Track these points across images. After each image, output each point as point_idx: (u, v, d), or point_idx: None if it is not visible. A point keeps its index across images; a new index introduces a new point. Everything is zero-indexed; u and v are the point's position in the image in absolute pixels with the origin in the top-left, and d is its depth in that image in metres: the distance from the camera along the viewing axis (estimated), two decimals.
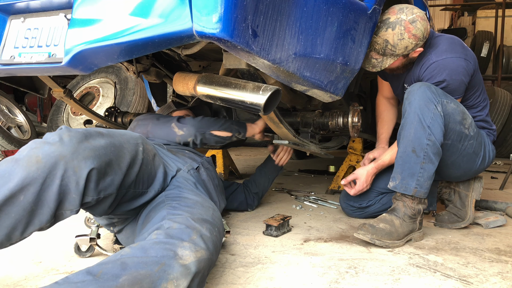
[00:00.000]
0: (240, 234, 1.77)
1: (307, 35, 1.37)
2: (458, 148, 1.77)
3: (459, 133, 1.74)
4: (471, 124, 1.78)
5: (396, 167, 1.74)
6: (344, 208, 2.12)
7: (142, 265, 0.96)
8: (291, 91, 1.91)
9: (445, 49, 1.80)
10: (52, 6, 1.46)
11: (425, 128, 1.66)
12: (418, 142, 1.67)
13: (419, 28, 1.73)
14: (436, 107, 1.66)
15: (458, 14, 8.41)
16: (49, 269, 1.37)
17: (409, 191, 1.70)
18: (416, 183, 1.69)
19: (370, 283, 1.30)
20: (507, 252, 1.60)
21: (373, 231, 1.63)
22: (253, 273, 1.36)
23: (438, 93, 1.69)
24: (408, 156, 1.69)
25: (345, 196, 2.10)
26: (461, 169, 1.86)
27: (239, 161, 4.27)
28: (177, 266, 0.99)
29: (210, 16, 1.10)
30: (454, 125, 1.71)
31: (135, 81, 4.37)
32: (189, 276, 0.99)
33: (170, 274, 0.97)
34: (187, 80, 1.62)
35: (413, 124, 1.68)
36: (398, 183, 1.72)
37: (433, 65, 1.79)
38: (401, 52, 1.77)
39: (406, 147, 1.70)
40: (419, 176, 1.68)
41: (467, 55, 1.80)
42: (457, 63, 1.77)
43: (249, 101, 1.41)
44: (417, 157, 1.67)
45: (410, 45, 1.76)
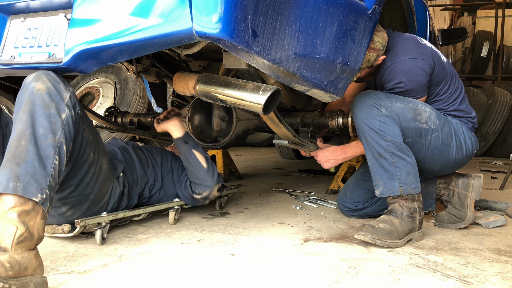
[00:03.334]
0: (240, 234, 1.77)
1: (307, 35, 1.37)
2: (422, 144, 1.80)
3: (417, 130, 1.76)
4: (429, 118, 1.79)
5: (374, 175, 1.77)
6: (342, 210, 2.14)
7: None
8: (291, 91, 1.91)
9: (398, 51, 1.82)
10: (52, 6, 1.46)
11: (378, 132, 1.71)
12: (378, 146, 1.71)
13: (377, 41, 1.77)
14: (379, 110, 1.71)
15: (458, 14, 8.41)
16: (49, 269, 1.37)
17: (395, 192, 1.72)
18: (399, 182, 1.71)
19: (370, 283, 1.30)
20: (507, 252, 1.61)
21: (374, 231, 1.63)
22: (253, 273, 1.36)
23: (378, 97, 1.74)
24: (378, 162, 1.73)
25: (341, 197, 2.11)
26: (438, 161, 1.87)
27: (239, 161, 4.27)
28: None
29: (210, 16, 1.10)
30: (407, 123, 1.74)
31: (135, 81, 4.37)
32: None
33: None
34: (187, 80, 1.62)
35: (366, 133, 1.74)
36: (383, 189, 1.74)
37: (388, 68, 1.82)
38: (365, 66, 1.81)
39: (372, 154, 1.75)
40: (398, 175, 1.71)
41: (422, 53, 1.81)
42: (411, 64, 1.79)
43: (249, 101, 1.41)
44: (386, 159, 1.72)
45: (372, 58, 1.80)
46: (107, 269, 1.38)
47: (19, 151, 1.22)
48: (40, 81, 1.33)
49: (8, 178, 1.17)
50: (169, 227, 1.87)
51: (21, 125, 1.27)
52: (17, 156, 1.21)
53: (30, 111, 1.29)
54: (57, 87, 1.35)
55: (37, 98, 1.30)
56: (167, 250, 1.56)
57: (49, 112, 1.30)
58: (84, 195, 1.59)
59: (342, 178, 2.72)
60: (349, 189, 2.09)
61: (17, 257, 1.12)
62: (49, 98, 1.32)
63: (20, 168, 1.20)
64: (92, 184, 1.60)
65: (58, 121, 1.31)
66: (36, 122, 1.27)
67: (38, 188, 1.20)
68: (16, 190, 1.16)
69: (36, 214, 1.20)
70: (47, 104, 1.31)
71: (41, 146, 1.25)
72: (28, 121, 1.27)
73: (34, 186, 1.19)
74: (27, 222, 1.17)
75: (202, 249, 1.58)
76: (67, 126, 1.34)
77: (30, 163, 1.21)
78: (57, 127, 1.30)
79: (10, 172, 1.18)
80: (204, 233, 1.79)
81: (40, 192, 1.20)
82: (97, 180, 1.61)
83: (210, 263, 1.44)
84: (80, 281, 1.28)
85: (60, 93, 1.35)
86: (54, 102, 1.32)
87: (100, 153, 1.61)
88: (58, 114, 1.32)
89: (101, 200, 1.68)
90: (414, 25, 2.26)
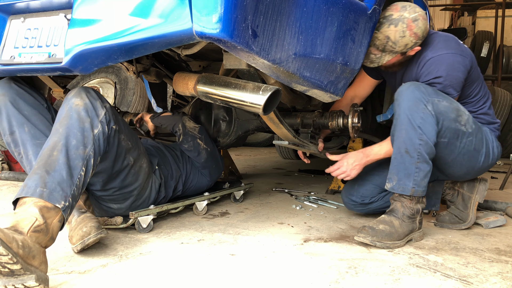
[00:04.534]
0: (240, 234, 1.77)
1: (307, 35, 1.37)
2: (456, 145, 1.76)
3: (455, 131, 1.73)
4: (468, 121, 1.77)
5: (392, 169, 1.74)
6: (346, 203, 2.11)
7: None
8: (291, 91, 1.91)
9: (440, 46, 1.80)
10: (52, 6, 1.46)
11: (415, 128, 1.66)
12: (410, 142, 1.67)
13: (420, 27, 1.73)
14: (426, 107, 1.65)
15: (458, 14, 8.41)
16: (49, 269, 1.37)
17: (407, 191, 1.70)
18: (413, 183, 1.69)
19: (370, 283, 1.30)
20: (507, 252, 1.61)
21: (373, 233, 1.63)
22: (253, 273, 1.36)
23: (428, 92, 1.68)
24: (402, 157, 1.69)
25: (347, 190, 2.09)
26: (464, 167, 1.85)
27: (239, 161, 4.27)
28: None
29: (210, 16, 1.10)
30: (448, 123, 1.70)
31: (135, 81, 4.37)
32: None
33: None
34: (187, 80, 1.62)
35: (403, 125, 1.68)
36: (395, 184, 1.72)
37: (430, 61, 1.78)
38: (401, 50, 1.77)
39: (399, 148, 1.70)
40: (415, 176, 1.68)
41: (463, 51, 1.80)
42: (454, 59, 1.76)
43: (249, 101, 1.41)
44: (411, 157, 1.67)
45: (410, 43, 1.76)
46: (107, 269, 1.38)
47: (51, 160, 1.33)
48: (79, 97, 1.47)
49: (36, 184, 1.27)
50: (169, 227, 1.87)
51: (56, 137, 1.39)
52: (48, 165, 1.32)
53: (66, 124, 1.41)
54: (94, 104, 1.48)
55: (74, 113, 1.44)
56: (167, 250, 1.56)
57: (83, 126, 1.43)
58: (128, 192, 1.74)
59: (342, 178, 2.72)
60: (357, 182, 2.04)
61: (30, 242, 1.18)
62: (85, 113, 1.45)
63: (49, 175, 1.30)
64: (133, 182, 1.73)
65: (90, 135, 1.43)
66: (71, 134, 1.39)
67: (62, 196, 1.29)
68: (42, 195, 1.25)
69: (55, 215, 1.27)
70: (82, 119, 1.43)
71: (71, 156, 1.36)
72: (63, 133, 1.39)
73: (59, 193, 1.29)
74: (46, 218, 1.24)
75: (202, 249, 1.58)
76: (98, 141, 1.45)
77: (59, 172, 1.32)
78: (88, 141, 1.42)
79: (39, 179, 1.28)
80: (204, 233, 1.79)
81: (63, 199, 1.29)
82: (137, 178, 1.74)
83: (210, 263, 1.44)
84: (80, 281, 1.28)
85: (96, 109, 1.48)
86: (89, 117, 1.45)
87: (140, 155, 1.74)
88: (91, 129, 1.44)
89: (143, 194, 1.81)
90: None
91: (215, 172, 2.22)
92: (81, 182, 1.37)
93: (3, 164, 3.30)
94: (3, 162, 3.31)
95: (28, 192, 1.25)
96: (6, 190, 2.72)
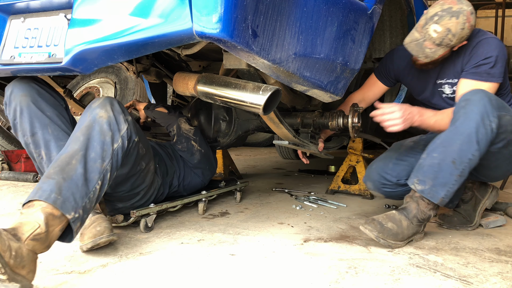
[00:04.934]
0: (240, 234, 1.77)
1: (307, 35, 1.37)
2: (504, 153, 1.73)
3: (509, 141, 1.69)
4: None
5: (429, 171, 1.66)
6: (375, 181, 1.97)
7: None
8: (291, 91, 1.91)
9: (481, 33, 1.79)
10: (52, 6, 1.46)
11: (472, 142, 1.59)
12: (461, 154, 1.60)
13: (474, 19, 1.71)
14: (491, 123, 1.59)
15: None
16: (49, 269, 1.37)
17: (435, 199, 1.64)
18: (445, 193, 1.64)
19: (370, 283, 1.30)
20: (507, 252, 1.61)
21: (381, 229, 1.61)
22: (253, 273, 1.36)
23: (497, 106, 1.63)
24: (446, 165, 1.62)
25: (381, 168, 1.95)
26: (502, 170, 1.84)
27: (239, 161, 4.27)
28: None
29: (210, 16, 1.10)
30: (505, 134, 1.66)
31: (135, 81, 4.36)
32: None
33: None
34: (187, 80, 1.62)
35: (462, 135, 1.60)
36: (427, 188, 1.65)
37: (478, 44, 1.76)
38: (457, 42, 1.72)
39: (446, 155, 1.63)
40: (450, 187, 1.63)
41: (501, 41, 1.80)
42: (500, 43, 1.76)
43: (249, 101, 1.41)
44: (455, 169, 1.61)
45: (465, 36, 1.72)
46: (107, 269, 1.38)
47: (69, 168, 1.32)
48: (104, 109, 1.47)
49: (52, 189, 1.25)
50: (169, 227, 1.87)
51: (76, 145, 1.38)
52: (65, 172, 1.31)
53: (88, 134, 1.41)
54: (117, 118, 1.49)
55: (96, 124, 1.44)
56: (167, 250, 1.56)
57: (104, 140, 1.42)
58: (135, 192, 1.77)
59: (342, 178, 2.72)
60: (392, 161, 1.94)
61: (24, 251, 1.16)
62: (108, 127, 1.45)
63: (65, 183, 1.28)
64: (141, 183, 1.77)
65: (109, 149, 1.43)
66: (90, 146, 1.39)
67: (74, 207, 1.27)
68: (55, 202, 1.24)
69: (59, 224, 1.25)
70: (104, 132, 1.43)
71: (88, 168, 1.36)
72: (84, 143, 1.39)
73: (71, 203, 1.27)
74: (49, 226, 1.22)
75: (202, 249, 1.58)
76: (116, 156, 1.45)
77: (75, 182, 1.30)
78: (107, 155, 1.42)
79: (55, 185, 1.26)
80: (204, 233, 1.79)
81: (74, 210, 1.27)
82: (144, 179, 1.77)
83: (210, 263, 1.44)
84: (80, 281, 1.28)
85: (119, 124, 1.48)
86: (111, 131, 1.45)
87: (150, 158, 1.78)
88: (111, 143, 1.44)
89: (148, 193, 1.84)
90: (414, 25, 2.26)
91: (208, 173, 2.23)
92: (95, 195, 1.36)
93: (3, 164, 3.30)
94: (3, 162, 3.30)
95: (42, 196, 1.23)
96: (6, 190, 2.72)
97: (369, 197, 2.56)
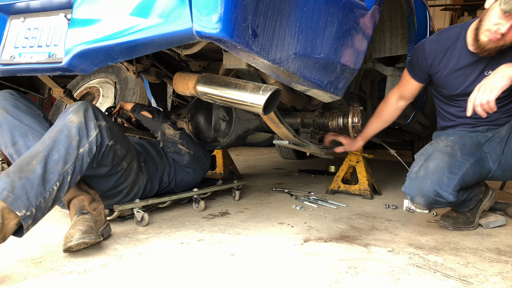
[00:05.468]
0: (240, 234, 1.77)
1: (307, 35, 1.37)
2: None
3: None
4: None
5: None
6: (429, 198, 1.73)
7: None
8: (291, 91, 1.91)
9: None
10: (52, 6, 1.46)
11: None
12: None
13: None
14: None
15: (458, 14, 8.41)
16: (49, 269, 1.37)
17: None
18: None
19: (370, 283, 1.30)
20: (507, 252, 1.60)
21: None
22: (253, 273, 1.36)
23: None
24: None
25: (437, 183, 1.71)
26: None
27: (239, 161, 4.27)
28: None
29: (210, 16, 1.10)
30: None
31: (135, 81, 4.37)
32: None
33: None
34: (187, 80, 1.62)
35: None
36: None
37: None
38: None
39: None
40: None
41: None
42: None
43: (249, 101, 1.41)
44: None
45: None
46: (107, 269, 1.38)
47: (27, 168, 1.36)
48: (76, 115, 1.53)
49: (4, 187, 1.29)
50: (169, 227, 1.87)
51: (41, 146, 1.43)
52: (23, 171, 1.35)
53: (54, 137, 1.45)
54: (88, 124, 1.54)
55: (66, 128, 1.49)
56: (167, 250, 1.56)
57: (70, 143, 1.47)
58: (118, 191, 1.84)
59: (342, 178, 2.72)
60: (445, 174, 1.71)
61: None
62: (76, 132, 1.50)
63: (20, 181, 1.32)
64: (124, 182, 1.83)
65: (74, 153, 1.47)
66: (55, 148, 1.43)
67: (25, 205, 1.30)
68: (6, 200, 1.27)
69: (14, 218, 1.29)
70: (71, 136, 1.48)
71: (48, 169, 1.39)
72: (49, 145, 1.43)
73: (23, 201, 1.30)
74: (4, 218, 1.27)
75: (202, 249, 1.58)
76: (81, 160, 1.49)
77: (31, 181, 1.34)
78: (71, 158, 1.46)
79: (9, 183, 1.31)
80: (204, 233, 1.79)
81: (25, 208, 1.30)
82: (128, 178, 1.84)
83: (210, 263, 1.44)
84: (80, 281, 1.28)
85: (88, 130, 1.54)
86: (79, 136, 1.50)
87: (132, 158, 1.83)
88: (77, 148, 1.48)
89: (132, 190, 1.91)
90: (414, 25, 2.26)
91: (200, 172, 2.27)
92: (52, 195, 1.38)
93: (3, 164, 3.30)
94: (3, 162, 3.30)
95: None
96: None
97: (369, 197, 2.56)
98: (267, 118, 1.65)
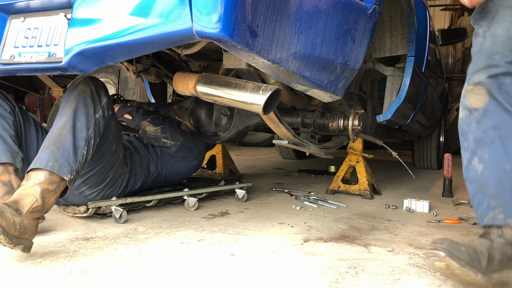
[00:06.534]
0: (240, 234, 1.77)
1: (307, 35, 1.37)
2: None
3: None
4: None
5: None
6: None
7: None
8: (291, 91, 1.91)
9: None
10: (52, 6, 1.46)
11: None
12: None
13: None
14: None
15: (458, 14, 8.40)
16: (49, 269, 1.37)
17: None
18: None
19: (370, 283, 1.30)
20: None
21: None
22: (253, 273, 1.36)
23: None
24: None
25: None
26: None
27: (239, 161, 4.27)
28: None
29: (210, 16, 1.10)
30: None
31: (135, 81, 4.37)
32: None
33: None
34: (187, 80, 1.62)
35: None
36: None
37: None
38: None
39: None
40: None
41: None
42: None
43: (249, 101, 1.41)
44: None
45: None
46: (107, 269, 1.38)
47: (60, 138, 1.54)
48: (86, 84, 1.67)
49: (48, 158, 1.48)
50: (169, 227, 1.87)
51: (65, 117, 1.59)
52: (58, 142, 1.53)
53: (73, 107, 1.61)
54: (98, 91, 1.69)
55: (81, 98, 1.63)
56: (167, 250, 1.56)
57: (88, 111, 1.63)
58: (103, 177, 1.90)
59: (342, 178, 2.72)
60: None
61: (26, 222, 1.38)
62: (90, 100, 1.65)
63: (59, 151, 1.51)
64: (109, 169, 1.89)
65: (92, 119, 1.64)
66: (77, 118, 1.60)
67: (69, 170, 1.51)
68: (53, 168, 1.47)
69: (54, 194, 1.48)
70: (87, 104, 1.63)
71: (76, 137, 1.57)
72: (71, 115, 1.59)
73: (67, 168, 1.51)
74: (45, 198, 1.45)
75: (202, 249, 1.58)
76: (98, 125, 1.66)
77: (67, 150, 1.53)
78: (91, 125, 1.63)
79: (51, 154, 1.49)
80: (204, 233, 1.79)
81: (70, 173, 1.51)
82: (113, 165, 1.91)
83: (210, 263, 1.44)
84: (80, 281, 1.28)
85: (100, 96, 1.69)
86: (93, 103, 1.65)
87: (120, 144, 1.92)
88: (93, 114, 1.65)
89: (115, 183, 1.97)
90: (414, 25, 2.26)
91: (193, 160, 2.32)
92: (83, 160, 1.58)
93: None
94: None
95: (41, 164, 1.45)
96: None
97: (369, 197, 2.56)
98: (267, 118, 1.65)
